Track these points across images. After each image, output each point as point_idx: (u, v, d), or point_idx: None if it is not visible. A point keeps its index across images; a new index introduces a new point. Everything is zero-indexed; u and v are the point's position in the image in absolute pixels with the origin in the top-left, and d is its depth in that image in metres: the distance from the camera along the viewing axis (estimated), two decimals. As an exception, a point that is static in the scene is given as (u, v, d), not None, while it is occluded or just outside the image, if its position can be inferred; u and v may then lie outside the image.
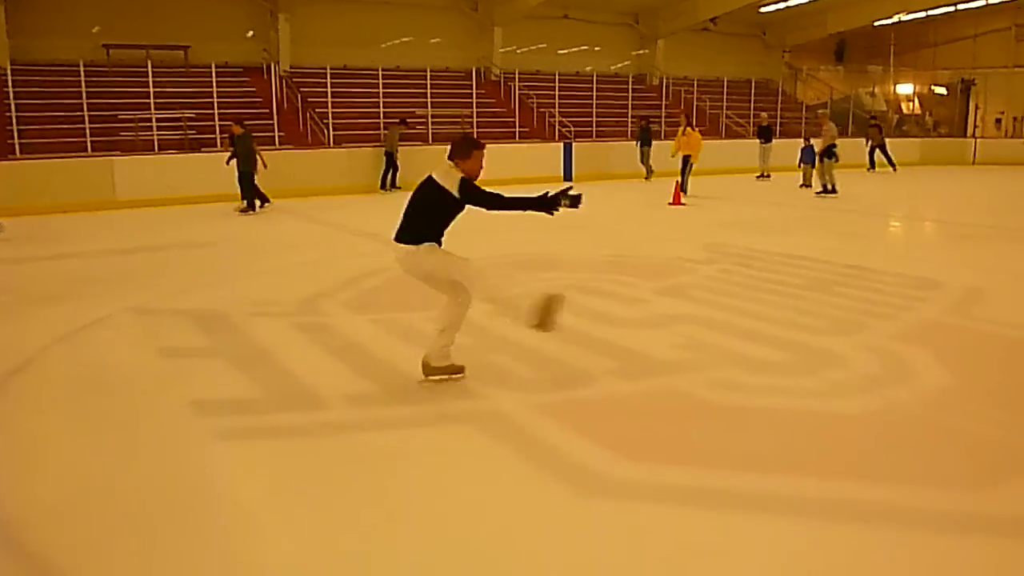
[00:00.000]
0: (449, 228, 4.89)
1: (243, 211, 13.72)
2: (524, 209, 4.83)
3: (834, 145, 16.45)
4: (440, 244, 4.84)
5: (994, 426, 4.31)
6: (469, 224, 5.05)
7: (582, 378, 5.06)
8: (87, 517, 3.40)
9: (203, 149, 16.63)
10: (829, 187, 16.37)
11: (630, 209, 14.70)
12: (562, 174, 19.71)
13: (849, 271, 8.35)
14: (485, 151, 4.88)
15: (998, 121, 30.64)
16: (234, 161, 13.65)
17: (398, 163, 17.24)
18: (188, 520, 3.37)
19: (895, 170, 22.38)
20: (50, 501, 3.55)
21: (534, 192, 4.80)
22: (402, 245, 4.83)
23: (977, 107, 30.70)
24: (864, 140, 23.58)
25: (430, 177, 4.84)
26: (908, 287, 7.63)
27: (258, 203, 13.94)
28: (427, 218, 4.81)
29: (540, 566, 3.04)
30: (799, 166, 18.36)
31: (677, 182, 15.71)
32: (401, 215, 4.89)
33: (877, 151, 23.24)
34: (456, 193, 4.71)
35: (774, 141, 20.78)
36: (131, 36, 18.42)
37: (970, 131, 30.38)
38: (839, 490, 3.61)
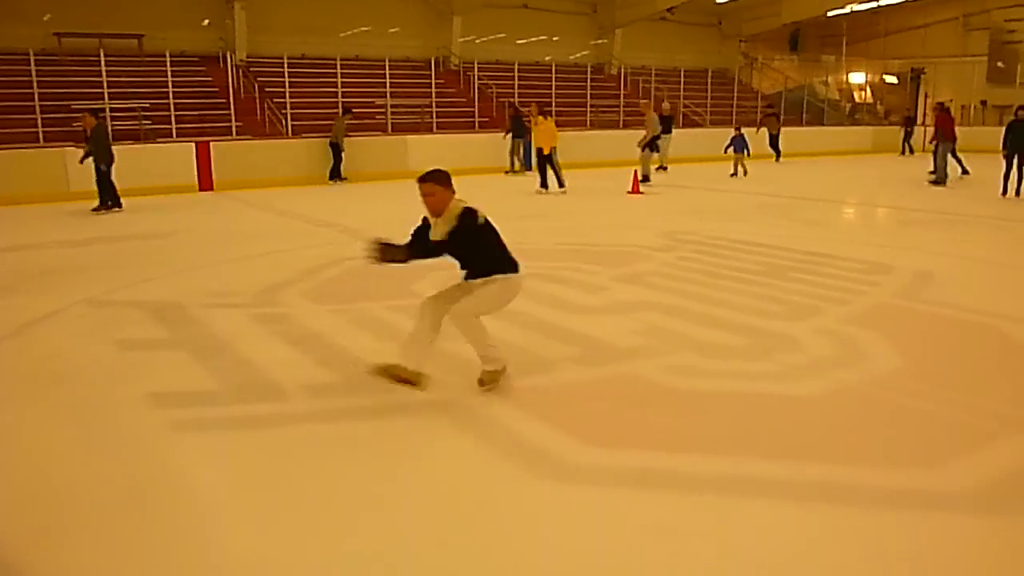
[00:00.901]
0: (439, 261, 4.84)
1: (95, 210, 12.41)
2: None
3: (657, 137, 16.13)
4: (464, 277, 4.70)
5: (942, 405, 4.44)
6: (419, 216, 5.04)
7: (542, 365, 5.11)
8: (44, 512, 3.37)
9: (159, 139, 16.36)
10: (647, 176, 16.12)
11: (590, 198, 14.77)
12: (523, 163, 19.72)
13: (804, 257, 8.52)
14: (420, 187, 4.58)
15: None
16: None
17: (343, 154, 16.92)
18: (147, 513, 3.35)
19: (778, 160, 22.11)
20: (6, 496, 3.51)
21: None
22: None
23: (927, 95, 31.32)
24: (756, 130, 22.55)
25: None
26: (861, 272, 7.80)
27: (110, 203, 12.48)
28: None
29: (502, 550, 3.08)
30: (725, 152, 18.73)
31: (636, 171, 15.83)
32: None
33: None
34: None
35: (674, 131, 20.08)
36: (83, 24, 18.04)
37: (920, 119, 30.99)
38: (793, 470, 3.70)
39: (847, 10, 27.88)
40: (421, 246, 4.70)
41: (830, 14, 28.58)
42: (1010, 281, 7.88)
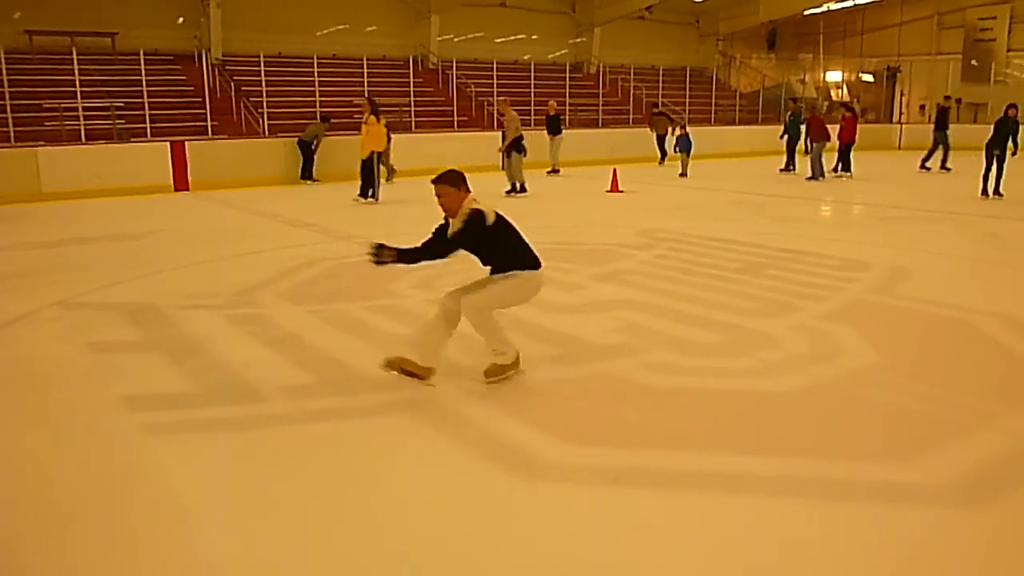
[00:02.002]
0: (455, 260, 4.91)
1: None
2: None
3: (521, 138, 14.55)
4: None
5: (916, 399, 4.48)
6: (398, 216, 5.03)
7: (520, 364, 5.09)
8: (17, 516, 3.32)
9: (133, 139, 16.19)
10: (518, 186, 14.34)
11: (568, 197, 14.80)
12: (500, 163, 19.69)
13: (780, 254, 8.57)
14: (434, 187, 4.66)
15: (922, 107, 31.62)
16: None
17: (314, 156, 16.68)
18: (122, 517, 3.31)
19: (661, 164, 21.29)
20: (-25, 502, 3.46)
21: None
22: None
23: (902, 93, 31.65)
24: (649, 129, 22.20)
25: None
26: (837, 269, 7.86)
27: None
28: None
29: (480, 550, 3.07)
30: (674, 151, 18.77)
31: (615, 169, 15.86)
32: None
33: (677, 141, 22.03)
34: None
35: (564, 132, 18.70)
36: (55, 22, 17.82)
37: (896, 117, 31.31)
38: (769, 465, 3.72)
39: (824, 9, 28.10)
40: (433, 246, 4.78)
41: (807, 13, 28.79)
42: (982, 276, 7.98)
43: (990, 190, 13.90)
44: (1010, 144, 14.05)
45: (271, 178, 16.38)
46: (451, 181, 4.63)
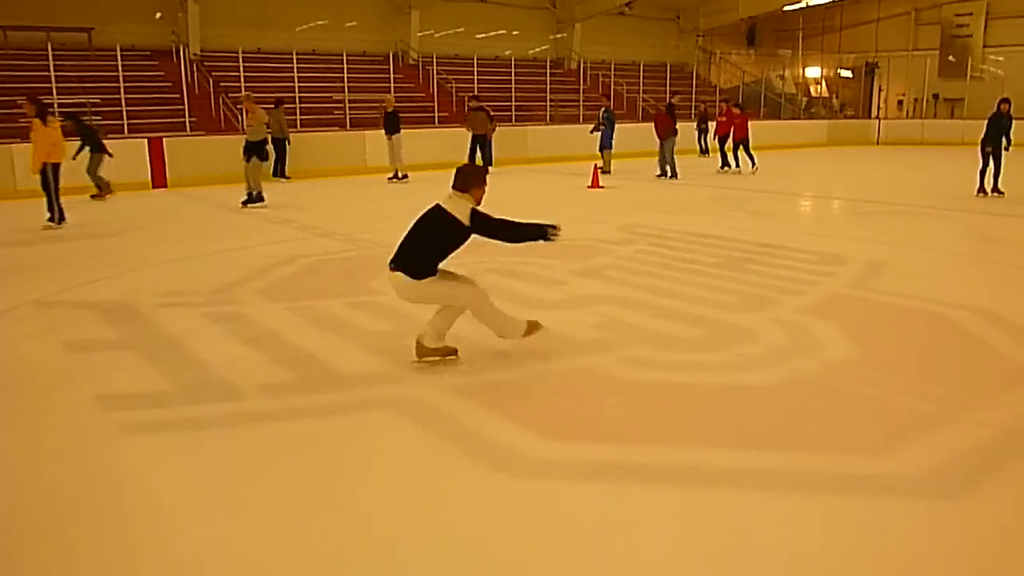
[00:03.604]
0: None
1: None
2: (527, 240, 4.88)
3: (265, 142, 12.75)
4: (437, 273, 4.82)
5: (893, 392, 4.52)
6: (379, 211, 5.01)
7: (501, 360, 5.10)
8: (-13, 518, 3.28)
9: (110, 135, 16.01)
10: (255, 195, 12.52)
11: (549, 193, 14.81)
12: (481, 159, 19.68)
13: (760, 249, 8.61)
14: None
15: (900, 103, 31.91)
16: None
17: (287, 149, 16.51)
18: (99, 517, 3.27)
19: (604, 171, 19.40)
20: (-53, 503, 3.41)
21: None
22: (402, 275, 4.74)
23: (881, 89, 31.91)
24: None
25: (437, 205, 4.78)
26: (816, 263, 7.91)
27: None
28: (432, 248, 4.75)
29: (462, 546, 3.06)
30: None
31: (596, 165, 15.89)
32: (401, 241, 4.80)
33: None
34: (467, 222, 4.68)
35: (403, 131, 16.35)
36: (30, 17, 17.59)
37: (874, 112, 31.56)
38: (748, 459, 3.74)
39: (803, 5, 28.26)
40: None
41: (786, 9, 28.94)
42: (957, 269, 8.06)
43: (987, 188, 13.43)
44: (1004, 140, 13.34)
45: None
46: None
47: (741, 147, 17.83)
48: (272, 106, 16.70)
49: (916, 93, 30.83)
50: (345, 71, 19.82)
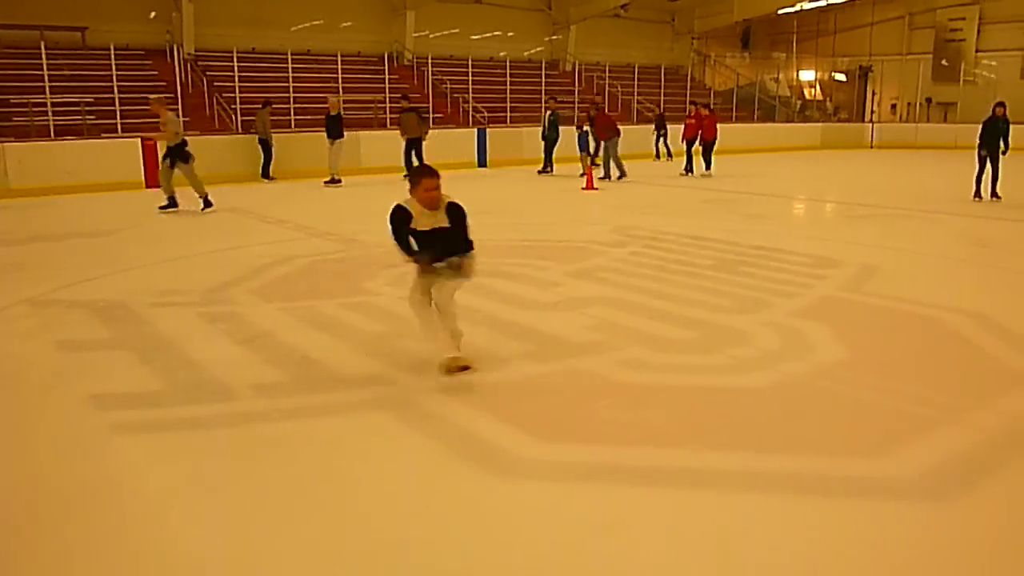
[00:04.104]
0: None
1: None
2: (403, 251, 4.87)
3: (184, 144, 11.80)
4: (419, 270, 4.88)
5: (885, 395, 4.53)
6: (375, 211, 5.02)
7: (494, 361, 5.09)
8: (-21, 518, 3.26)
9: (103, 135, 15.99)
10: (175, 200, 11.88)
11: (543, 194, 14.81)
12: (476, 160, 19.71)
13: (753, 251, 8.63)
14: (431, 180, 4.68)
15: (893, 106, 32.03)
16: None
17: (272, 150, 16.46)
18: (92, 518, 3.26)
19: (541, 171, 18.30)
20: (-62, 503, 3.39)
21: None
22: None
23: (874, 93, 32.02)
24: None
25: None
26: (809, 266, 7.93)
27: None
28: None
29: (454, 548, 3.06)
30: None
31: (589, 167, 15.91)
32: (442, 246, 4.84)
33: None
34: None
35: (346, 135, 15.93)
36: (24, 16, 17.56)
37: (868, 116, 31.67)
38: (741, 461, 3.74)
39: (797, 8, 28.36)
40: (407, 225, 4.83)
41: (780, 12, 29.04)
42: (951, 273, 8.09)
43: (983, 192, 13.32)
44: (1000, 144, 13.21)
45: (245, 174, 16.27)
46: (439, 176, 4.79)
47: (704, 150, 17.67)
48: (260, 106, 16.68)
49: (909, 97, 30.96)
50: (340, 71, 19.83)
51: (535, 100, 23.36)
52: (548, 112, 17.95)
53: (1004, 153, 13.21)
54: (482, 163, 19.65)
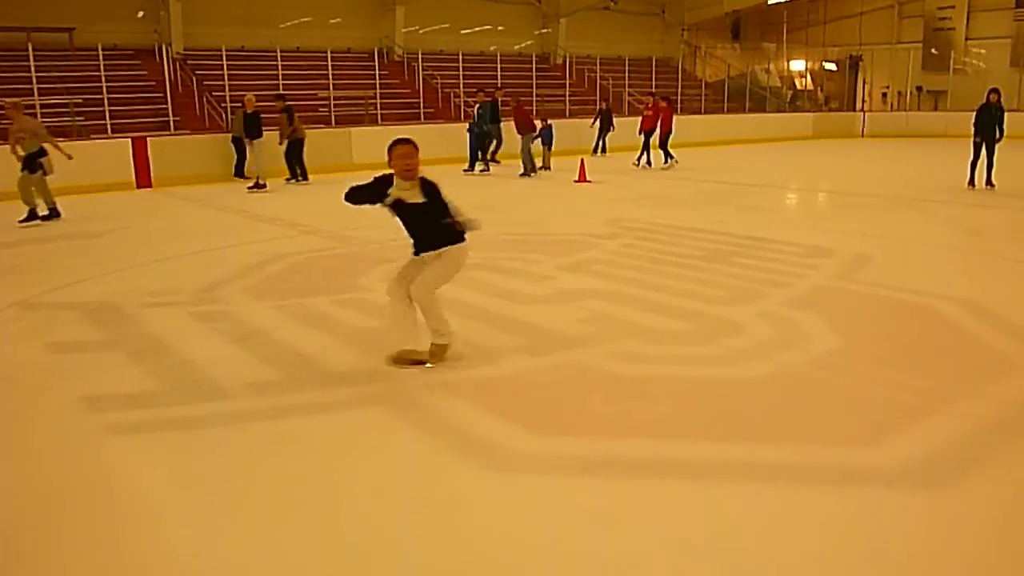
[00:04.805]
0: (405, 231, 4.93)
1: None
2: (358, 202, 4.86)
3: (40, 153, 10.85)
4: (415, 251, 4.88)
5: (878, 384, 4.54)
6: (367, 208, 5.00)
7: (488, 355, 5.09)
8: (-28, 521, 3.25)
9: (93, 136, 15.90)
10: (38, 211, 10.93)
11: (535, 187, 14.79)
12: (468, 154, 19.63)
13: (746, 242, 8.63)
14: (403, 147, 4.70)
15: (884, 95, 32.06)
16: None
17: (248, 151, 15.70)
18: (85, 519, 3.25)
19: (468, 171, 16.87)
20: (-70, 507, 3.38)
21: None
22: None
23: (865, 82, 32.05)
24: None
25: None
26: (802, 255, 7.94)
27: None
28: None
29: (451, 543, 3.06)
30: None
31: (582, 160, 15.89)
32: (424, 231, 4.83)
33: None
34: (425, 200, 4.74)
35: (264, 136, 14.62)
36: (10, 17, 17.42)
37: (859, 105, 31.70)
38: (735, 451, 3.75)
39: (786, -2, 28.37)
40: (378, 192, 4.81)
41: (770, 2, 29.04)
42: (943, 261, 8.11)
43: (977, 180, 13.16)
44: (995, 131, 13.08)
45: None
46: (414, 145, 4.76)
47: (662, 142, 17.37)
48: (240, 106, 16.43)
49: (900, 86, 30.98)
50: (330, 68, 19.75)
51: (526, 93, 23.31)
52: (476, 105, 16.93)
53: (999, 140, 13.11)
54: (473, 158, 19.58)
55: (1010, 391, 4.48)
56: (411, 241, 4.89)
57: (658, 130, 17.64)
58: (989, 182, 13.19)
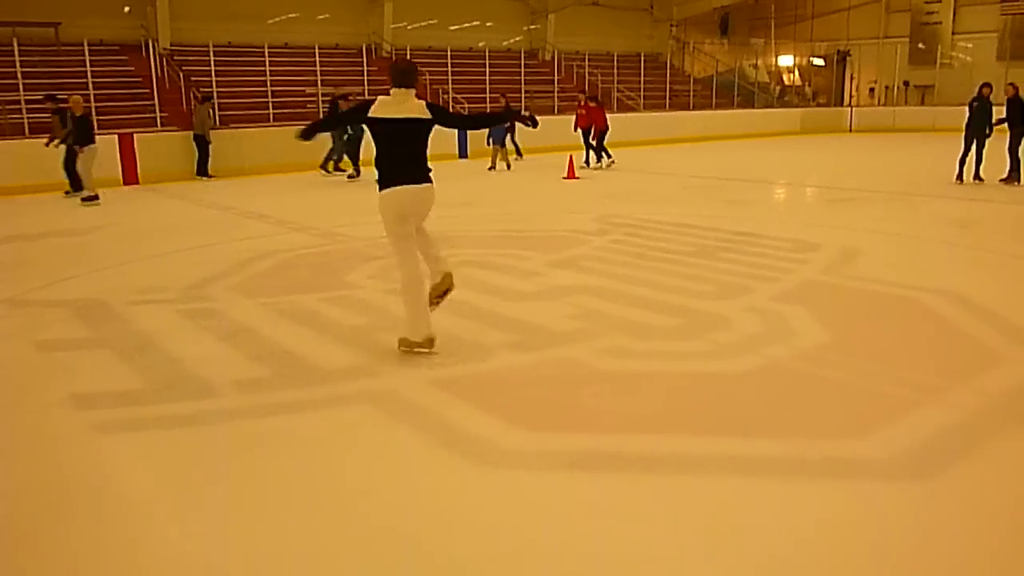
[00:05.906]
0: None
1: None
2: (491, 125, 4.93)
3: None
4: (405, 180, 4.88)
5: (866, 377, 4.57)
6: (357, 204, 4.99)
7: (477, 352, 5.09)
8: (-42, 521, 3.23)
9: (79, 132, 15.78)
10: None
11: (525, 184, 14.79)
12: (457, 151, 19.63)
13: (734, 237, 8.66)
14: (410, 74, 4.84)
15: (871, 90, 32.18)
16: None
17: (210, 148, 15.71)
18: (73, 518, 3.24)
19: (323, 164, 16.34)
20: (-83, 507, 3.36)
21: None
22: (430, 184, 4.89)
23: (852, 77, 32.16)
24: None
25: (407, 116, 4.75)
26: (789, 250, 7.97)
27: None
28: (425, 152, 4.87)
29: (441, 539, 3.06)
30: (487, 144, 17.13)
31: (571, 156, 15.89)
32: (404, 156, 4.80)
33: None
34: (431, 116, 4.78)
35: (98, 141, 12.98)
36: (-5, 13, 17.30)
37: (847, 100, 31.82)
38: (724, 446, 3.77)
39: (774, -7, 28.42)
40: (357, 117, 4.93)
41: (758, -3, 29.10)
42: (930, 255, 8.16)
43: (965, 175, 13.26)
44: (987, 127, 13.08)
45: (224, 169, 16.10)
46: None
47: (598, 140, 17.16)
48: (200, 100, 16.26)
49: (887, 80, 31.09)
50: (318, 64, 19.67)
51: (515, 89, 23.29)
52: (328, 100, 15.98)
53: (989, 135, 13.16)
54: (463, 154, 19.59)
55: (996, 382, 4.52)
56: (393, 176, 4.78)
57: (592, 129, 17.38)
58: (977, 176, 13.29)
